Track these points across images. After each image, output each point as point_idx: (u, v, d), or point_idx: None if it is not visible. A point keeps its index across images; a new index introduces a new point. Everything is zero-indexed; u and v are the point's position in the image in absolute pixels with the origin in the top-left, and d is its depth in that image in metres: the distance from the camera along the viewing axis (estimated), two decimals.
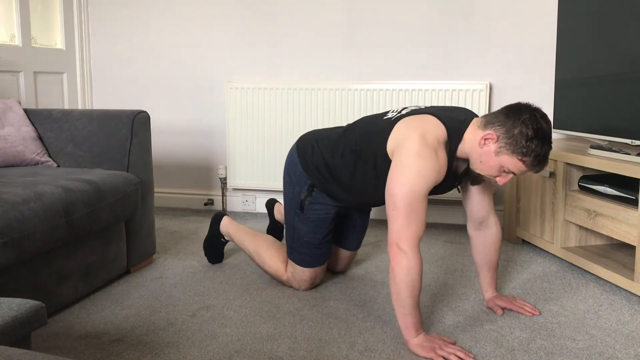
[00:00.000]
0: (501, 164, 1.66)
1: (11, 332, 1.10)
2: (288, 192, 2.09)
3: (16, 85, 3.01)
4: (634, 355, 1.64)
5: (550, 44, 2.89)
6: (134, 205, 2.19)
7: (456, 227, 3.05)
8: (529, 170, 1.67)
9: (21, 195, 1.71)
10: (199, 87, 3.40)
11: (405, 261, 1.62)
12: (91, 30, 3.51)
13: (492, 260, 1.96)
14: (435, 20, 3.03)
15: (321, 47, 3.19)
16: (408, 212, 1.63)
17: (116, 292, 2.11)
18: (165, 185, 3.53)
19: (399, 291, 1.64)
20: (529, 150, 1.61)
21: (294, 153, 2.08)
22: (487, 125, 1.68)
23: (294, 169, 2.06)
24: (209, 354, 1.63)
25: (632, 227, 2.02)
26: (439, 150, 1.67)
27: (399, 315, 1.67)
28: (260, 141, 3.21)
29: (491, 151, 1.66)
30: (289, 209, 2.09)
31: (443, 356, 1.60)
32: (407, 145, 1.67)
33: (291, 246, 2.10)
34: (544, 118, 1.65)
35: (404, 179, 1.64)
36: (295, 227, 2.07)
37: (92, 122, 2.34)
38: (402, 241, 1.63)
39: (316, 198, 2.02)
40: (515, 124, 1.62)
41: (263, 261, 2.20)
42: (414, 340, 1.65)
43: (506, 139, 1.63)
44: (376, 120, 1.89)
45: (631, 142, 2.14)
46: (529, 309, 1.92)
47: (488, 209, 1.91)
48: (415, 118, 1.76)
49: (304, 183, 2.03)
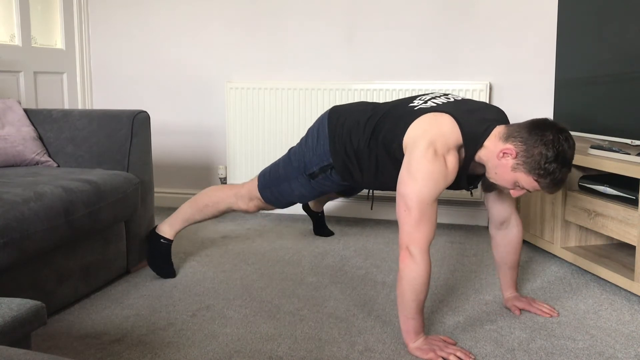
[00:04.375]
0: (516, 179, 1.63)
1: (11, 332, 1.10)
2: (307, 151, 2.03)
3: (16, 85, 3.01)
4: (634, 355, 1.64)
5: (550, 43, 2.89)
6: (134, 205, 2.19)
7: (457, 227, 3.05)
8: (543, 191, 1.64)
9: (21, 195, 1.71)
10: (199, 87, 3.40)
11: (413, 265, 1.61)
12: (91, 30, 3.51)
13: (512, 260, 1.95)
14: (435, 20, 3.03)
15: (321, 47, 3.18)
16: (419, 215, 1.62)
17: (116, 292, 2.11)
18: (165, 185, 3.53)
19: (403, 294, 1.63)
20: (546, 172, 1.58)
21: (324, 126, 2.01)
22: (508, 139, 1.63)
23: (324, 140, 1.99)
24: (209, 354, 1.63)
25: (632, 227, 2.02)
26: (448, 156, 1.64)
27: (402, 317, 1.66)
28: (260, 141, 3.21)
29: (508, 165, 1.62)
30: (297, 164, 2.05)
31: (442, 357, 1.60)
32: (416, 150, 1.65)
33: (269, 186, 2.11)
34: (568, 141, 1.59)
35: (413, 183, 1.63)
36: (291, 183, 2.07)
37: (92, 122, 2.34)
38: (412, 244, 1.62)
39: (329, 177, 2.01)
40: (537, 143, 1.58)
41: (207, 204, 2.22)
42: (413, 344, 1.65)
43: (525, 157, 1.59)
44: (401, 107, 1.85)
45: (631, 142, 2.14)
46: (546, 310, 1.91)
47: (510, 209, 1.90)
48: (433, 118, 1.71)
49: (325, 160, 1.98)
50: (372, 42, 3.11)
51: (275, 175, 2.11)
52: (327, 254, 2.57)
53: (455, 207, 3.11)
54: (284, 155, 2.14)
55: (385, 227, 3.04)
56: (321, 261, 2.46)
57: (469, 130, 1.68)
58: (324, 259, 2.49)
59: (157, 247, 2.26)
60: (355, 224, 3.10)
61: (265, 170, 2.17)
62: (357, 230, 2.96)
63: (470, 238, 2.83)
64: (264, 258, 2.50)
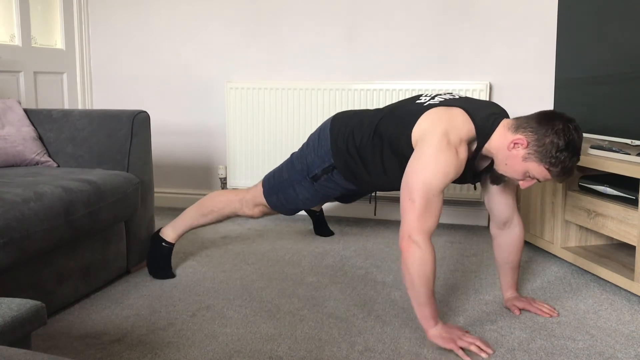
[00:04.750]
0: (527, 169, 1.65)
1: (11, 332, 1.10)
2: (309, 154, 2.04)
3: (16, 85, 3.01)
4: (634, 355, 1.64)
5: (550, 43, 2.89)
6: (134, 205, 2.19)
7: (457, 227, 3.05)
8: (553, 180, 1.66)
9: (21, 195, 1.71)
10: (199, 87, 3.40)
11: (418, 252, 1.61)
12: (91, 30, 3.51)
13: (513, 261, 1.95)
14: (435, 20, 3.03)
15: (321, 47, 3.19)
16: (424, 205, 1.62)
17: (116, 292, 2.11)
18: (165, 185, 3.53)
19: (413, 282, 1.64)
20: (557, 160, 1.60)
21: (327, 129, 2.01)
22: (518, 129, 1.66)
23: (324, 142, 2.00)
24: (209, 354, 1.63)
25: (632, 227, 2.02)
26: (460, 148, 1.66)
27: (415, 306, 1.67)
28: (260, 141, 3.21)
29: (519, 156, 1.65)
30: (300, 167, 2.05)
31: (462, 346, 1.61)
32: (429, 140, 1.66)
33: (275, 192, 2.10)
34: (577, 131, 1.63)
35: (423, 172, 1.63)
36: (295, 187, 2.06)
37: (92, 122, 2.34)
38: (414, 233, 1.62)
39: (331, 178, 2.00)
40: (548, 132, 1.61)
41: (212, 210, 2.21)
42: (432, 330, 1.66)
43: (536, 147, 1.62)
44: (407, 104, 1.86)
45: (631, 142, 2.14)
46: (546, 310, 1.91)
47: (512, 209, 1.89)
48: (444, 111, 1.72)
49: (327, 160, 1.98)
50: (372, 42, 3.12)
51: (279, 179, 2.10)
52: (327, 254, 2.57)
53: (455, 207, 3.11)
54: (286, 160, 2.13)
55: (385, 227, 3.04)
56: (321, 261, 2.46)
57: (480, 123, 1.70)
58: (324, 259, 2.49)
59: (158, 250, 2.26)
60: (355, 224, 3.10)
61: (269, 175, 2.16)
62: (357, 230, 2.96)
63: (470, 238, 2.83)
64: (264, 258, 2.50)
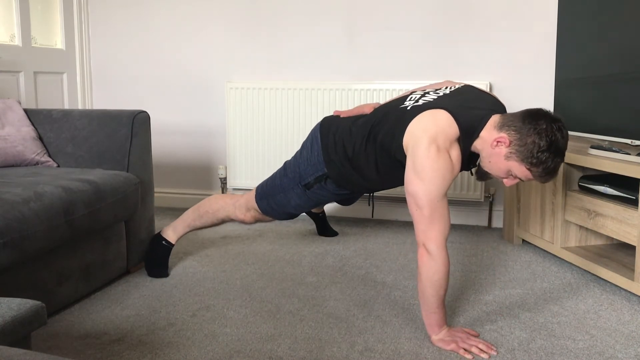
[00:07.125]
0: (509, 168, 1.66)
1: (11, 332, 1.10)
2: (301, 163, 2.03)
3: (16, 85, 3.01)
4: (634, 355, 1.64)
5: (550, 44, 2.89)
6: (134, 205, 2.19)
7: (457, 227, 3.05)
8: (535, 180, 1.67)
9: (21, 195, 1.71)
10: (199, 87, 3.40)
11: (431, 263, 1.63)
12: (91, 30, 3.51)
13: None
14: (435, 20, 3.03)
15: (321, 47, 3.18)
16: (431, 212, 1.63)
17: (116, 292, 2.11)
18: (165, 185, 3.53)
19: (424, 290, 1.66)
20: (538, 161, 1.60)
21: (317, 137, 2.01)
22: (502, 128, 1.66)
23: (317, 151, 2.00)
24: (209, 354, 1.63)
25: (632, 227, 2.02)
26: (451, 149, 1.66)
27: (424, 311, 1.69)
28: (260, 141, 3.21)
29: (501, 154, 1.65)
30: (292, 175, 2.05)
31: (465, 348, 1.62)
32: (418, 149, 1.66)
33: (266, 197, 2.11)
34: (561, 131, 1.61)
35: (421, 182, 1.64)
36: (287, 194, 2.06)
37: (92, 122, 2.34)
38: (428, 241, 1.64)
39: (324, 187, 2.01)
40: (530, 132, 1.60)
41: (207, 211, 2.23)
42: (435, 336, 1.69)
43: (518, 146, 1.61)
44: (396, 109, 1.84)
45: (631, 142, 2.14)
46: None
47: None
48: (429, 115, 1.71)
49: (320, 170, 1.99)
50: (372, 42, 3.11)
51: (272, 185, 2.12)
52: (327, 254, 2.57)
53: (455, 207, 3.11)
54: (280, 168, 2.15)
55: (385, 227, 3.04)
56: (321, 261, 2.46)
57: (465, 123, 1.69)
58: (324, 259, 2.49)
59: (157, 247, 2.28)
60: (355, 224, 3.10)
61: (262, 182, 2.19)
62: (357, 231, 2.96)
63: (470, 238, 2.83)
64: (264, 258, 2.50)
